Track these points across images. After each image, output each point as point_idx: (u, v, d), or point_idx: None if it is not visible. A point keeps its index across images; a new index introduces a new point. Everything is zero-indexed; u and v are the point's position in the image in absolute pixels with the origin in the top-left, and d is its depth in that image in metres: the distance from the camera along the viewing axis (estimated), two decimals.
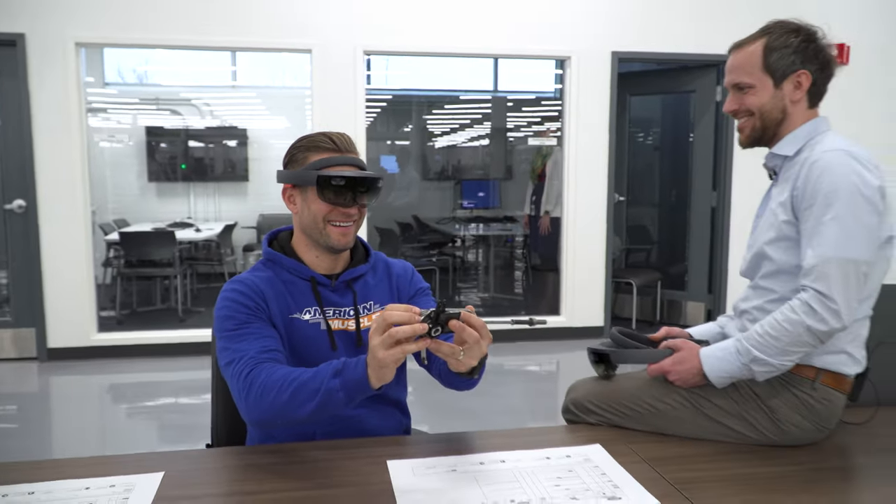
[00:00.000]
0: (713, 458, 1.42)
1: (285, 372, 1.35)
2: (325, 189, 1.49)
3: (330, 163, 1.51)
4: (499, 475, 1.32)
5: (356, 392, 1.28)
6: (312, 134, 1.55)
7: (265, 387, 1.33)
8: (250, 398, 1.35)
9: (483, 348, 1.24)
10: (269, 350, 1.43)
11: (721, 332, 1.71)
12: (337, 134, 1.54)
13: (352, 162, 1.53)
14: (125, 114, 8.35)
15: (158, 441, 3.63)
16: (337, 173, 1.49)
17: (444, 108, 9.36)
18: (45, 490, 1.24)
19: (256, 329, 1.46)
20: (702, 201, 5.80)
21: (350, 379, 1.27)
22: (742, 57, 1.58)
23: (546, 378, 4.91)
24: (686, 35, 5.37)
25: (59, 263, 4.80)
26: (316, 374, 1.31)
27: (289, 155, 1.57)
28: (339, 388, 1.27)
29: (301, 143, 1.55)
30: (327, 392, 1.28)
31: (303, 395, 1.30)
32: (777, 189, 1.57)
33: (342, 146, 1.53)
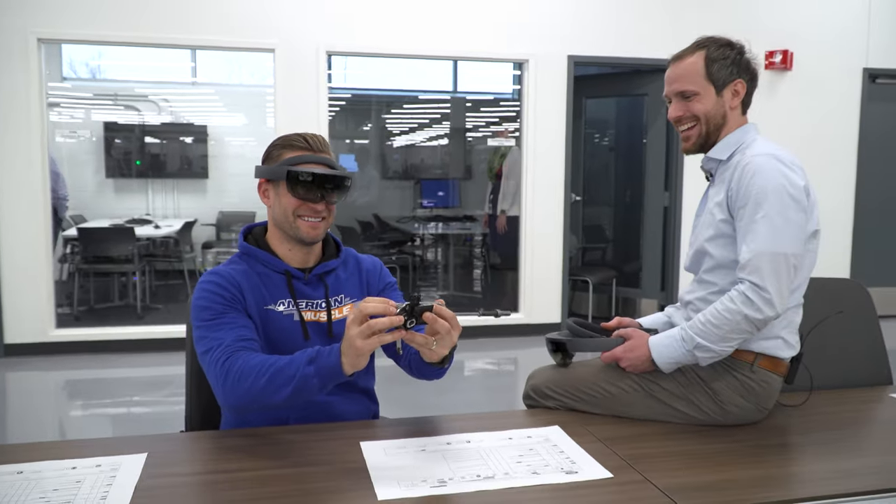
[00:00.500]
0: (662, 436, 1.54)
1: (261, 359, 1.43)
2: (294, 184, 1.57)
3: (301, 160, 1.59)
4: (465, 454, 1.42)
5: (330, 378, 1.37)
6: (289, 134, 1.64)
7: (242, 373, 1.41)
8: (227, 384, 1.42)
9: (454, 338, 1.36)
10: (244, 339, 1.50)
11: (668, 321, 1.84)
12: (311, 134, 1.62)
13: (322, 160, 1.61)
14: (83, 109, 8.22)
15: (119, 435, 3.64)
16: (305, 169, 1.57)
17: (402, 107, 9.43)
18: (33, 470, 1.29)
19: (232, 319, 1.54)
20: (654, 201, 6.00)
21: (324, 366, 1.36)
22: (685, 67, 1.71)
23: (505, 373, 5.04)
24: (639, 41, 5.56)
25: (18, 259, 4.75)
26: (291, 362, 1.39)
27: (266, 152, 1.65)
28: (313, 375, 1.36)
29: (278, 141, 1.63)
30: (302, 378, 1.37)
31: (278, 381, 1.38)
32: (714, 190, 1.71)
33: (315, 146, 1.61)
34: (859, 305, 2.04)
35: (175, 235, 6.88)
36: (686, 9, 5.56)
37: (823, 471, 1.40)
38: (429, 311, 1.31)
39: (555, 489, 1.26)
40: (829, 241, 5.85)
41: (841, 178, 6.06)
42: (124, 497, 1.20)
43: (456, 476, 1.30)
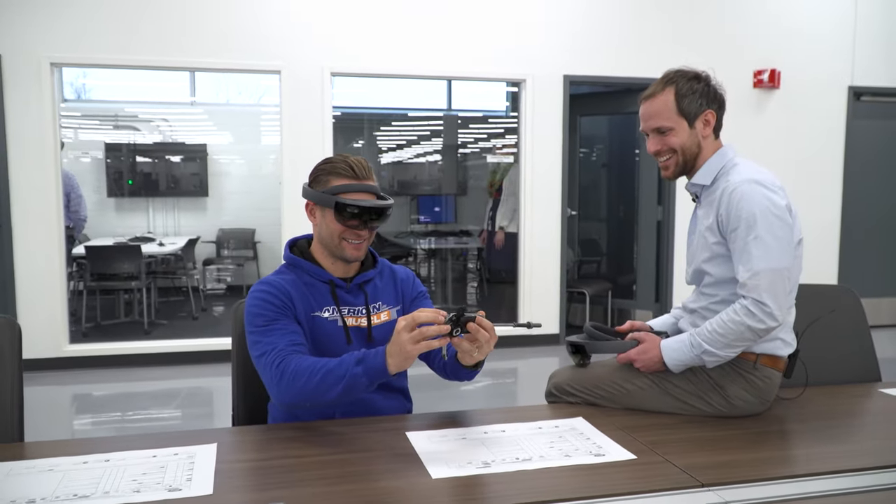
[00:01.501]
0: (676, 425, 1.71)
1: (312, 361, 1.60)
2: (341, 214, 1.73)
3: (348, 189, 1.74)
4: (501, 440, 1.58)
5: (376, 377, 1.54)
6: (335, 158, 1.78)
7: (296, 374, 1.58)
8: (283, 384, 1.59)
9: (491, 347, 1.54)
10: (295, 343, 1.67)
11: (675, 323, 2.01)
12: (356, 161, 1.77)
13: (368, 189, 1.77)
14: (84, 130, 8.35)
15: None
16: (353, 201, 1.72)
17: (393, 125, 9.58)
18: (119, 458, 1.44)
19: (283, 325, 1.70)
20: (648, 215, 6.20)
21: (371, 367, 1.53)
22: (657, 105, 1.85)
23: (506, 385, 5.19)
24: (632, 60, 5.79)
25: (32, 276, 4.87)
26: (340, 363, 1.56)
27: (313, 175, 1.80)
28: (362, 374, 1.53)
29: (325, 166, 1.78)
30: (352, 377, 1.54)
31: (330, 381, 1.55)
32: (702, 211, 1.88)
33: (360, 174, 1.76)
34: (850, 309, 2.22)
35: (179, 252, 7.00)
36: (676, 30, 5.80)
37: (821, 452, 1.57)
38: (472, 322, 1.48)
39: (586, 469, 1.43)
40: (817, 254, 6.07)
41: (828, 193, 6.29)
42: (207, 478, 1.35)
43: (497, 459, 1.46)
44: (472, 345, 1.53)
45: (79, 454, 1.45)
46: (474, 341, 1.52)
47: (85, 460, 1.43)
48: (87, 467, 1.40)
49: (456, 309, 1.51)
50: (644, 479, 1.38)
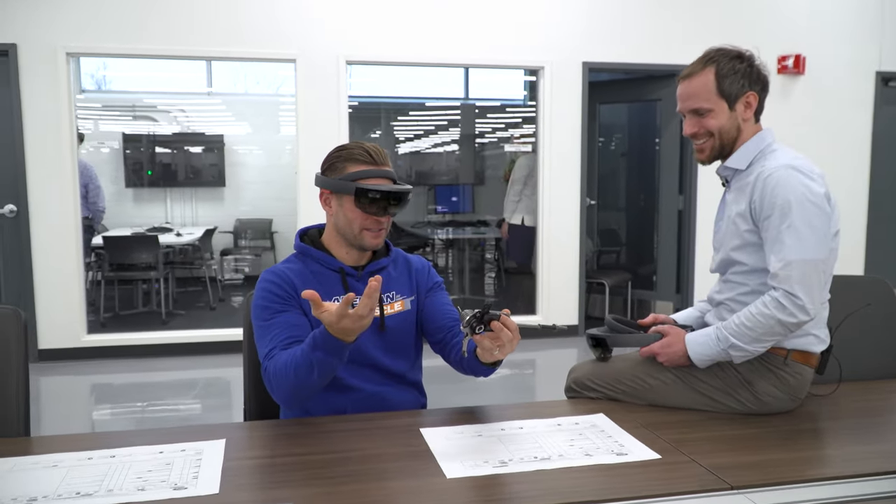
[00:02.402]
0: (702, 423, 1.64)
1: (284, 358, 1.56)
2: (362, 200, 1.67)
3: (367, 175, 1.69)
4: (519, 438, 1.52)
5: (339, 352, 1.49)
6: (350, 145, 1.73)
7: (277, 374, 1.57)
8: (273, 387, 1.59)
9: (513, 346, 1.47)
10: (291, 338, 1.62)
11: (700, 316, 1.93)
12: (373, 147, 1.71)
13: (386, 174, 1.71)
14: (102, 120, 8.37)
15: None
16: (374, 186, 1.67)
17: (410, 114, 9.52)
18: (125, 453, 1.40)
19: (285, 319, 1.65)
20: (669, 204, 6.09)
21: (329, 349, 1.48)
22: (696, 85, 1.77)
23: (525, 375, 5.13)
24: (652, 46, 5.66)
25: (50, 267, 4.88)
26: (303, 353, 1.52)
27: (328, 162, 1.74)
28: (324, 357, 1.49)
29: (340, 153, 1.72)
30: (318, 362, 1.50)
31: (303, 372, 1.52)
32: (732, 196, 1.79)
33: (378, 159, 1.71)
34: (883, 300, 2.13)
35: (196, 243, 7.00)
36: (698, 15, 5.66)
37: (855, 452, 1.49)
38: (496, 321, 1.42)
39: (608, 468, 1.36)
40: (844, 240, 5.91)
41: (854, 180, 6.14)
42: (214, 476, 1.30)
43: (515, 457, 1.40)
44: (493, 343, 1.47)
45: (84, 449, 1.42)
46: (496, 340, 1.46)
47: (90, 456, 1.39)
48: (91, 464, 1.36)
49: (481, 305, 1.45)
50: (669, 481, 1.31)
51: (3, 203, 4.83)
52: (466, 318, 1.43)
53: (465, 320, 1.43)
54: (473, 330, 1.43)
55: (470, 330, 1.44)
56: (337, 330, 1.43)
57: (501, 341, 1.45)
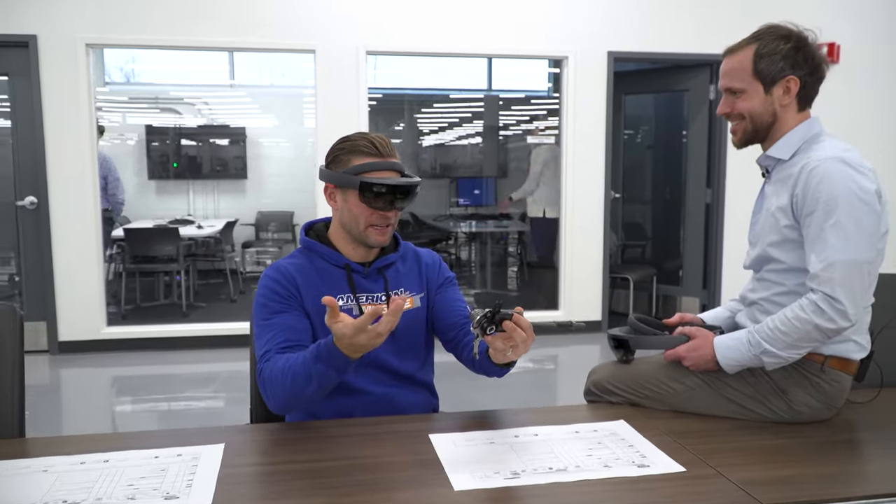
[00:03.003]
0: (730, 432, 1.53)
1: (282, 364, 1.48)
2: (367, 195, 1.59)
3: (372, 167, 1.60)
4: (534, 446, 1.43)
5: (343, 368, 1.41)
6: (354, 136, 1.64)
7: (272, 380, 1.49)
8: (267, 392, 1.51)
9: (527, 347, 1.38)
10: (287, 342, 1.55)
11: (731, 316, 1.82)
12: (378, 138, 1.63)
13: (392, 167, 1.63)
14: (125, 112, 8.40)
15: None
16: (379, 180, 1.58)
17: (434, 106, 9.44)
18: (119, 458, 1.34)
19: (284, 320, 1.58)
20: (696, 198, 5.94)
21: (332, 363, 1.40)
22: (733, 63, 1.66)
23: (545, 372, 5.03)
24: (680, 35, 5.50)
25: (70, 259, 4.88)
26: (304, 363, 1.44)
27: (331, 155, 1.66)
28: (325, 369, 1.41)
29: (344, 144, 1.64)
30: (319, 375, 1.42)
31: (301, 382, 1.44)
32: (772, 188, 1.67)
33: (383, 151, 1.62)
34: None
35: (217, 235, 6.99)
36: (727, 2, 5.49)
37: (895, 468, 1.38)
38: (509, 321, 1.33)
39: (629, 482, 1.27)
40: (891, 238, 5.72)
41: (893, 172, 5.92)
42: (208, 485, 1.23)
43: (528, 468, 1.32)
44: (506, 344, 1.38)
45: (79, 452, 1.36)
46: (509, 340, 1.37)
47: (83, 460, 1.33)
48: (83, 469, 1.30)
49: (492, 304, 1.36)
50: (693, 497, 1.22)
51: (23, 195, 4.84)
52: (476, 318, 1.34)
53: (476, 321, 1.34)
54: (485, 331, 1.35)
55: (481, 331, 1.35)
56: (347, 344, 1.34)
57: (514, 342, 1.36)
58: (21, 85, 4.74)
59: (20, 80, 4.73)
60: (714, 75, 5.67)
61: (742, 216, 6.18)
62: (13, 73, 4.73)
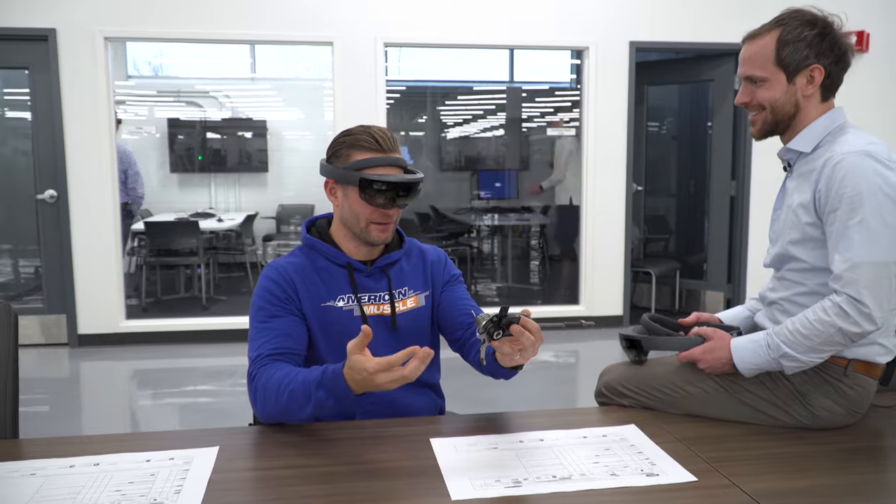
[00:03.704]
0: (746, 438, 1.46)
1: (279, 378, 1.43)
2: (367, 191, 1.53)
3: (373, 163, 1.54)
4: (539, 452, 1.37)
5: (343, 400, 1.35)
6: (356, 130, 1.58)
7: (266, 390, 1.43)
8: (256, 399, 1.46)
9: (536, 350, 1.32)
10: (283, 348, 1.51)
11: (751, 315, 1.74)
12: (380, 132, 1.56)
13: (394, 162, 1.57)
14: (147, 106, 8.45)
15: (186, 425, 3.71)
16: (380, 177, 1.53)
17: (458, 99, 9.38)
18: (109, 462, 1.30)
19: (280, 324, 1.53)
20: (720, 191, 5.81)
21: (334, 394, 1.34)
22: (755, 49, 1.57)
23: (565, 367, 4.96)
24: (704, 24, 5.37)
25: (89, 252, 4.90)
26: (304, 384, 1.38)
27: (332, 149, 1.61)
28: (326, 399, 1.35)
29: (345, 139, 1.58)
30: (317, 402, 1.36)
31: (297, 403, 1.39)
32: (794, 183, 1.58)
33: (385, 146, 1.56)
34: None
35: (237, 228, 7.00)
36: None
37: None
38: (516, 324, 1.28)
39: (636, 492, 1.21)
40: None
41: None
42: (198, 491, 1.19)
43: (531, 476, 1.26)
44: (514, 348, 1.32)
45: (70, 455, 1.33)
46: (517, 344, 1.31)
47: (72, 464, 1.30)
48: (71, 472, 1.26)
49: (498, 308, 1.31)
50: None
51: (43, 188, 4.87)
52: (482, 323, 1.29)
53: (482, 326, 1.29)
54: (491, 336, 1.30)
55: (487, 336, 1.30)
56: (361, 379, 1.27)
57: (523, 346, 1.30)
58: (40, 79, 4.76)
59: (40, 73, 4.75)
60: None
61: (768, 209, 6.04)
62: (33, 66, 4.76)
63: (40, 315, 4.97)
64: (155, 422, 3.83)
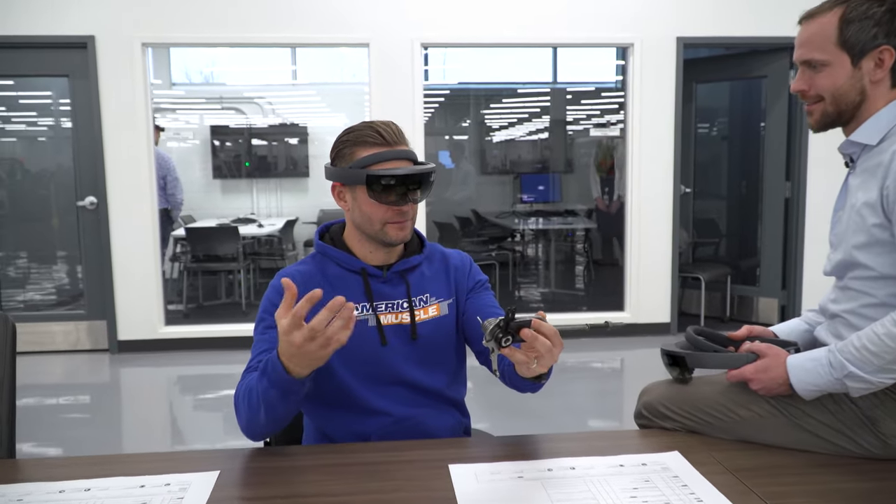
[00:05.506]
0: (808, 469, 1.29)
1: (248, 382, 1.34)
2: (376, 189, 1.41)
3: (378, 158, 1.42)
4: (569, 483, 1.22)
5: (287, 387, 1.25)
6: (358, 126, 1.46)
7: (238, 400, 1.36)
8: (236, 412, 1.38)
9: (555, 357, 1.18)
10: None
11: (809, 329, 1.57)
12: (383, 125, 1.44)
13: (402, 156, 1.44)
14: (190, 113, 8.54)
15: (223, 431, 3.66)
16: (386, 171, 1.41)
17: (501, 101, 9.25)
18: (101, 487, 1.21)
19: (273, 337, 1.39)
20: (774, 192, 5.53)
21: (274, 379, 1.25)
22: (814, 29, 1.38)
23: (610, 376, 4.77)
24: (756, 16, 5.12)
25: (129, 259, 4.92)
26: (257, 380, 1.30)
27: (335, 150, 1.49)
28: (268, 387, 1.26)
29: (347, 137, 1.46)
30: (264, 395, 1.27)
31: (253, 403, 1.30)
32: (857, 180, 1.40)
33: (390, 139, 1.44)
34: None
35: (278, 234, 6.99)
36: None
37: None
38: (527, 328, 1.14)
39: None
40: None
41: None
42: None
43: None
44: (528, 355, 1.18)
45: (61, 479, 1.23)
46: (531, 351, 1.17)
47: (62, 488, 1.20)
48: (60, 498, 1.17)
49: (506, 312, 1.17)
50: None
51: (84, 195, 4.90)
52: (489, 328, 1.15)
53: (488, 331, 1.15)
54: (500, 343, 1.15)
55: (495, 344, 1.16)
56: (288, 352, 1.20)
57: (538, 352, 1.16)
58: (80, 86, 4.80)
59: (79, 81, 4.79)
60: None
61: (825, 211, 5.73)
62: (73, 74, 4.80)
63: (81, 321, 5.01)
64: (192, 428, 3.80)
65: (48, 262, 5.24)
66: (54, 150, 5.08)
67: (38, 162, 5.17)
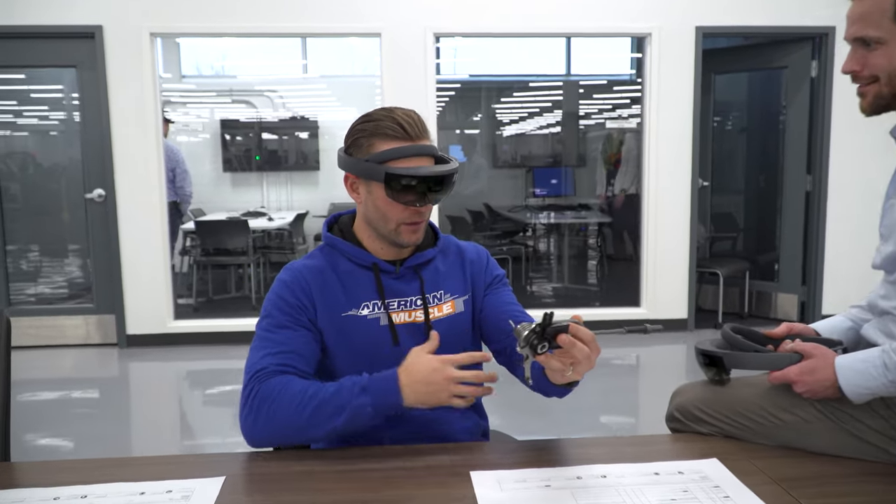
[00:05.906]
0: (859, 478, 1.19)
1: (302, 386, 1.26)
2: (393, 186, 1.31)
3: (399, 154, 1.32)
4: (600, 492, 1.14)
5: (387, 411, 1.22)
6: (378, 115, 1.35)
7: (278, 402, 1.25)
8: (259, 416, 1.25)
9: (592, 363, 1.10)
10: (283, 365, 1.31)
11: (854, 327, 1.47)
12: (405, 116, 1.34)
13: (424, 151, 1.34)
14: (200, 107, 8.48)
15: (232, 427, 3.58)
16: (408, 171, 1.31)
17: (513, 95, 9.14)
18: (98, 493, 1.13)
19: (286, 338, 1.34)
20: (795, 186, 5.40)
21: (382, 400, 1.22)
22: (868, 4, 1.26)
23: (626, 372, 4.66)
24: (777, 5, 4.98)
25: (137, 252, 4.86)
26: (340, 389, 1.23)
27: (350, 138, 1.39)
28: (369, 405, 1.21)
29: (365, 126, 1.36)
30: (356, 409, 1.21)
31: (327, 412, 1.22)
32: None
33: (412, 132, 1.33)
34: None
35: (288, 227, 6.92)
36: None
37: None
38: (564, 334, 1.05)
39: None
40: None
41: None
42: None
43: None
44: (564, 362, 1.09)
45: (57, 484, 1.16)
46: (567, 357, 1.09)
47: (57, 495, 1.12)
48: None
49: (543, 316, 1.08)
50: None
51: (92, 187, 4.84)
52: (524, 334, 1.06)
53: (523, 337, 1.07)
54: (535, 350, 1.07)
55: (531, 351, 1.07)
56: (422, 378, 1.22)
57: (576, 359, 1.08)
58: (87, 77, 4.73)
59: (87, 72, 4.72)
60: (816, 49, 5.12)
61: (847, 205, 5.61)
62: (81, 64, 4.73)
63: (90, 315, 4.95)
64: (202, 424, 3.73)
65: (59, 255, 5.19)
66: (66, 144, 5.02)
67: (49, 156, 5.12)
